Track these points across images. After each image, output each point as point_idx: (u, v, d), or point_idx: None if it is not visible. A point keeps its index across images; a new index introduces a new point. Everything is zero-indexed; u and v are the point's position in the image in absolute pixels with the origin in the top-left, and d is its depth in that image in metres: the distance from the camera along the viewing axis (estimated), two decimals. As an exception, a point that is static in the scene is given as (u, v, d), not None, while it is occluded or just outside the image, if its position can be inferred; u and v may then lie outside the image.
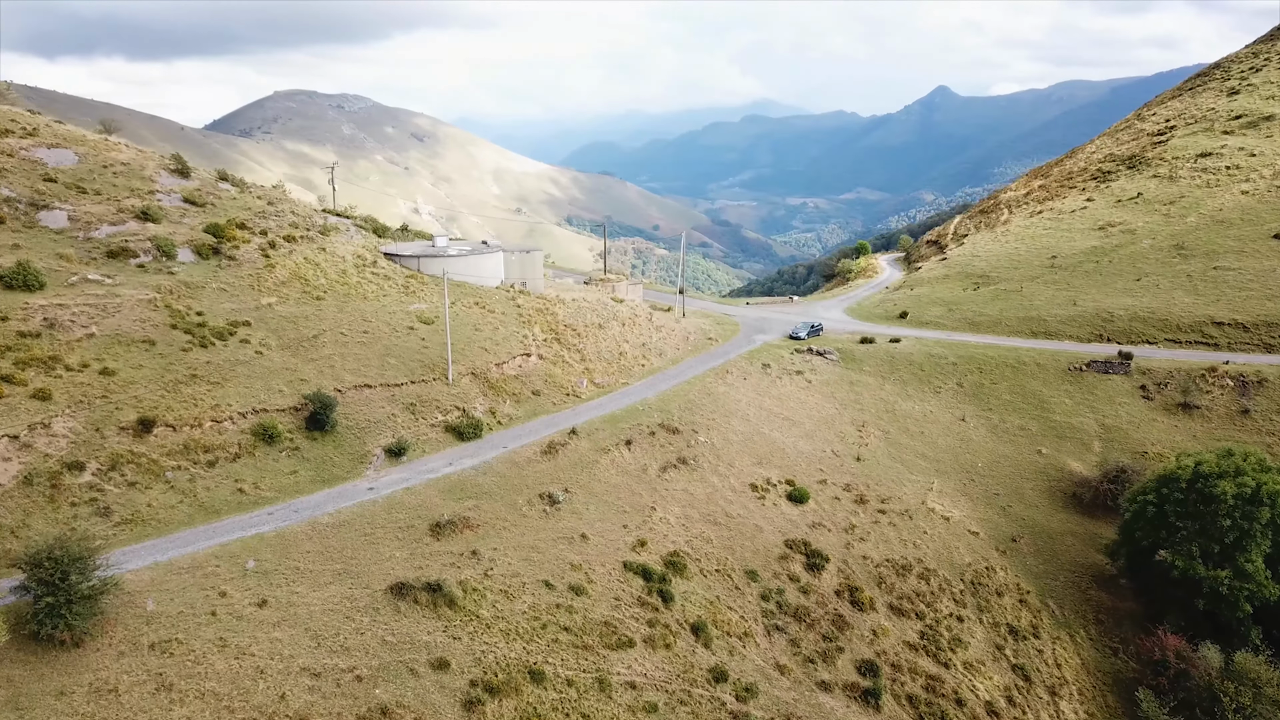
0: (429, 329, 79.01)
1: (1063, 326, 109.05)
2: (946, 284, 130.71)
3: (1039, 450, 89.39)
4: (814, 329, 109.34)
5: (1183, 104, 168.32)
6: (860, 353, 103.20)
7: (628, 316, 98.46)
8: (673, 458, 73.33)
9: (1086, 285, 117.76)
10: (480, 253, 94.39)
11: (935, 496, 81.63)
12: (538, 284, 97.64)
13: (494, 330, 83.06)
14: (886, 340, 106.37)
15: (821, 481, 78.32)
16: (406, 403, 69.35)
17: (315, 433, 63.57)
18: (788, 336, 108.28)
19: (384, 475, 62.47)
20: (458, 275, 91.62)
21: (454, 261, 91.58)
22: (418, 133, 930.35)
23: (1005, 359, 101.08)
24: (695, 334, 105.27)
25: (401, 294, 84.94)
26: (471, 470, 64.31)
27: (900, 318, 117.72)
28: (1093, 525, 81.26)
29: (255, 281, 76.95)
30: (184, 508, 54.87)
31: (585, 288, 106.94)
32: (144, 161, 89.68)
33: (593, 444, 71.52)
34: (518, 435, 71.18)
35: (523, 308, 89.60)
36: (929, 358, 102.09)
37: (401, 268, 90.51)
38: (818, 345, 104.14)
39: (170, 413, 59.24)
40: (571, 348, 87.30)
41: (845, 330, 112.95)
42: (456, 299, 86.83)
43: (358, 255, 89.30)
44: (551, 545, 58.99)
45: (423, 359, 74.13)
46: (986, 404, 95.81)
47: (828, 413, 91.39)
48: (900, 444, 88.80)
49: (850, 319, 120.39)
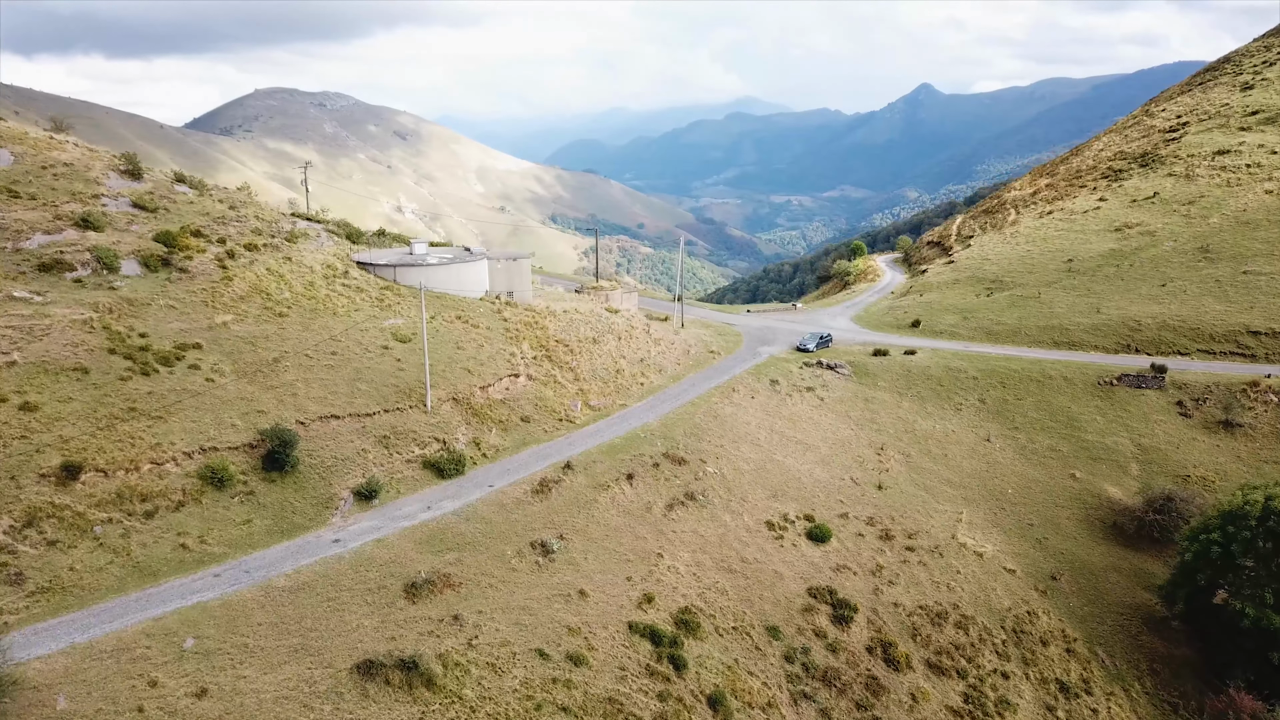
0: (405, 348, 70.55)
1: (1087, 336, 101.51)
2: (957, 289, 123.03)
3: (1072, 474, 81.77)
4: (823, 340, 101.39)
5: (1194, 99, 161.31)
6: (874, 366, 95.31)
7: (624, 329, 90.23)
8: (679, 493, 65.17)
9: (1108, 291, 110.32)
10: (462, 260, 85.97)
11: (965, 528, 73.86)
12: (526, 294, 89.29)
13: (478, 348, 74.66)
14: (901, 352, 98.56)
15: (843, 515, 70.36)
16: (379, 435, 60.92)
17: (273, 474, 55.11)
18: (795, 349, 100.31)
19: (352, 523, 54.05)
20: (438, 286, 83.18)
21: (434, 271, 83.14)
22: (401, 131, 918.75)
23: (1029, 372, 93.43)
24: (696, 347, 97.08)
25: (375, 308, 76.39)
26: (453, 515, 55.96)
27: (913, 327, 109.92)
28: (1137, 559, 73.70)
29: (210, 297, 68.27)
30: (114, 570, 46.40)
31: (577, 297, 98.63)
32: (90, 162, 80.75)
33: (590, 479, 63.27)
34: (505, 470, 62.85)
35: (510, 322, 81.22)
36: (947, 371, 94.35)
37: (376, 278, 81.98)
38: (828, 358, 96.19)
39: (102, 455, 50.69)
40: (564, 366, 79.02)
41: (855, 341, 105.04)
42: (436, 313, 78.41)
43: (327, 265, 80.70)
44: (545, 605, 50.79)
45: (398, 383, 65.69)
46: (1012, 422, 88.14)
47: (844, 434, 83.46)
48: (923, 468, 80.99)
49: (859, 328, 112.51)
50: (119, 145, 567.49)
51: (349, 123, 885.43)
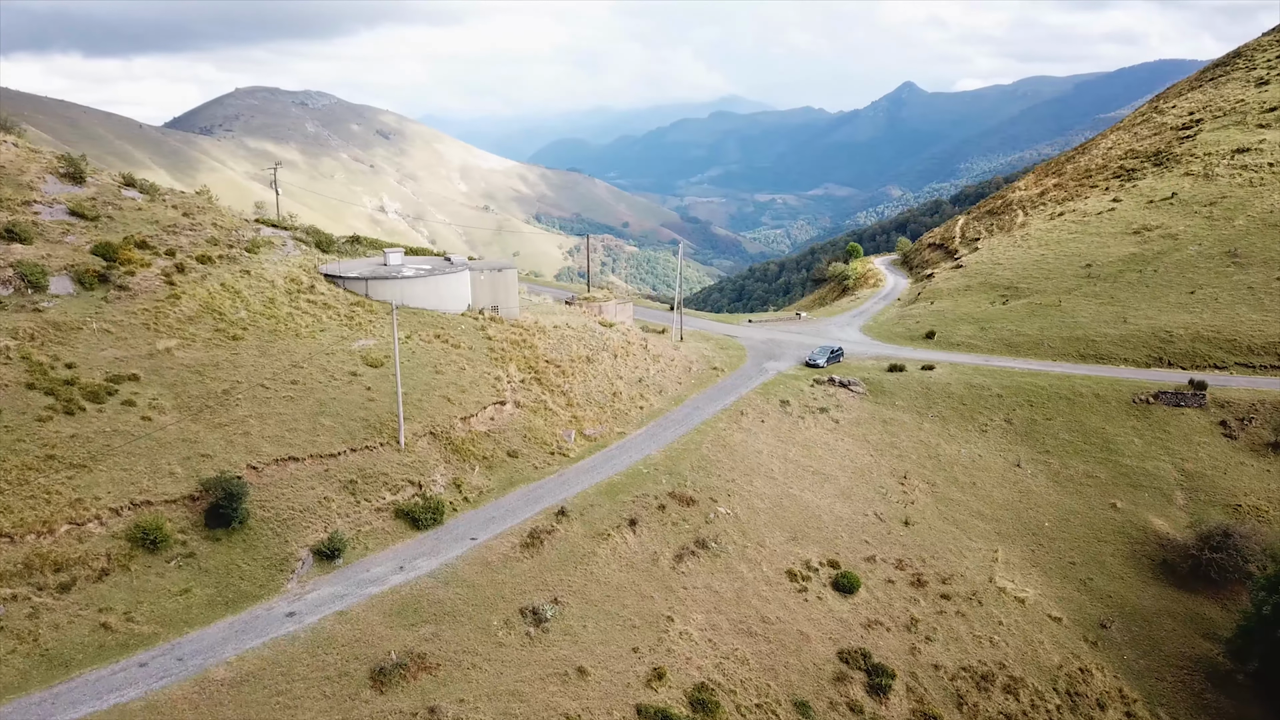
0: (377, 374, 62.12)
1: (1115, 348, 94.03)
2: (970, 297, 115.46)
3: (1113, 504, 74.18)
4: (834, 355, 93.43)
5: (1205, 95, 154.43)
6: (890, 384, 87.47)
7: (620, 345, 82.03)
8: (689, 540, 57.05)
9: (1133, 299, 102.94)
10: (442, 272, 77.54)
11: (1002, 569, 66.13)
12: (512, 308, 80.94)
13: (459, 372, 66.29)
14: (918, 367, 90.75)
15: (869, 559, 62.46)
16: (345, 480, 52.52)
17: (218, 531, 46.71)
18: (804, 364, 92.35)
19: (311, 589, 45.69)
20: (415, 301, 74.78)
21: (410, 285, 74.72)
22: (383, 130, 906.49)
23: (1057, 389, 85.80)
24: (698, 363, 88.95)
25: (344, 327, 67.90)
26: (429, 577, 47.66)
27: (927, 338, 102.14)
28: (1193, 603, 66.15)
29: (153, 318, 59.67)
30: (17, 661, 38.00)
31: (568, 309, 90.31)
32: (25, 164, 71.97)
33: (587, 527, 55.06)
34: (490, 518, 54.56)
35: (495, 340, 72.87)
36: (969, 389, 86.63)
37: (345, 292, 73.47)
38: (840, 375, 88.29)
39: (8, 516, 42.24)
40: (555, 390, 70.74)
41: (867, 355, 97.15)
42: (412, 332, 70.03)
43: (291, 278, 72.13)
44: (539, 687, 42.61)
45: (368, 416, 57.28)
46: (1043, 445, 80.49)
47: (863, 462, 75.58)
48: (951, 499, 73.22)
49: (869, 339, 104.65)
50: (97, 145, 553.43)
51: (331, 122, 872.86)
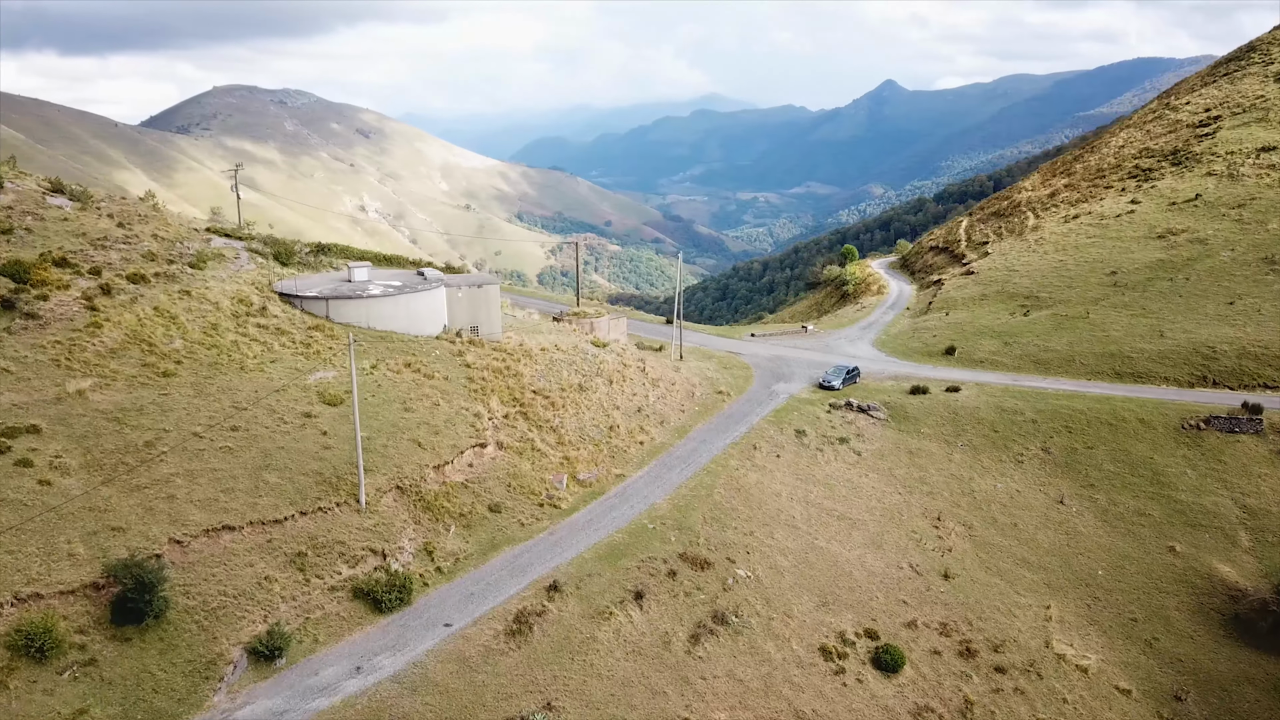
0: (336, 415, 52.52)
1: (1154, 366, 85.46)
2: (987, 307, 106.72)
3: (1170, 547, 65.51)
4: (850, 375, 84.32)
5: (1221, 91, 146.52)
6: (914, 408, 78.53)
7: (615, 369, 72.72)
8: (705, 614, 47.79)
9: (1168, 310, 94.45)
10: (413, 289, 67.89)
11: (1058, 630, 57.31)
12: (494, 327, 71.44)
13: (432, 409, 56.74)
14: (941, 389, 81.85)
15: (910, 624, 53.44)
16: (291, 552, 42.95)
17: (128, 629, 37.15)
18: (817, 385, 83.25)
19: (243, 704, 36.13)
20: (383, 322, 65.20)
21: (376, 304, 65.09)
22: (364, 129, 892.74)
23: (1097, 413, 77.11)
24: (701, 386, 79.68)
25: (299, 357, 58.23)
26: (393, 682, 38.15)
27: (947, 354, 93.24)
28: (1276, 667, 57.52)
29: (66, 352, 49.87)
30: None
31: (556, 327, 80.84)
32: (-70, 168, 61.96)
33: (585, 604, 45.70)
34: (468, 594, 45.12)
35: (474, 368, 63.34)
36: (1001, 413, 77.83)
37: (303, 313, 63.81)
38: (858, 398, 79.32)
39: None
40: (544, 426, 61.31)
41: (885, 374, 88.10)
42: (379, 360, 60.45)
43: (240, 298, 62.36)
44: (531, 832, 33.28)
45: (322, 469, 47.71)
46: (1086, 478, 71.78)
47: (891, 501, 66.58)
48: (991, 544, 64.35)
49: (884, 355, 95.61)
50: (71, 145, 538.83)
51: (311, 121, 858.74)
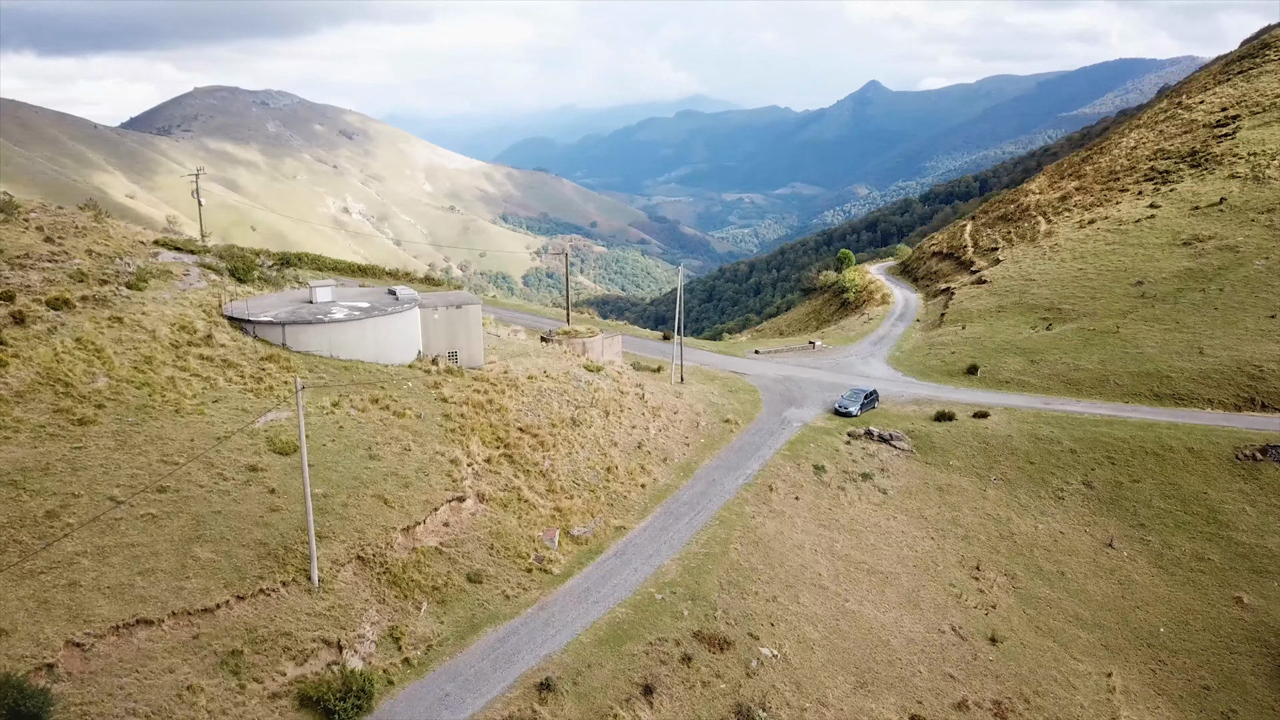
0: (287, 466, 44.11)
1: (1195, 386, 78.03)
2: (1006, 320, 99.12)
3: (1237, 598, 57.95)
4: (868, 399, 76.39)
5: (1237, 90, 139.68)
6: (940, 437, 70.77)
7: (612, 397, 64.57)
8: (728, 710, 39.60)
9: (1203, 324, 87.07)
10: (383, 311, 59.46)
11: (1125, 704, 49.61)
12: (475, 353, 63.11)
13: (403, 454, 48.43)
14: (968, 414, 74.12)
15: (960, 705, 45.53)
16: (224, 650, 34.60)
17: (0, 771, 28.80)
18: (833, 411, 75.32)
19: None
20: (347, 350, 56.81)
21: (340, 330, 56.65)
22: (347, 130, 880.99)
23: (1140, 441, 69.54)
24: (706, 414, 71.57)
25: (247, 394, 49.82)
26: (344, 832, 29.90)
27: (969, 374, 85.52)
28: (1373, 744, 50.01)
29: (-43, 397, 41.37)
30: None
31: (545, 349, 72.53)
32: None
33: (584, 705, 37.47)
34: (442, 695, 36.82)
35: (452, 403, 55.05)
36: (1035, 442, 70.16)
37: (256, 341, 55.34)
38: (879, 426, 71.47)
39: None
40: (532, 470, 53.10)
41: (905, 396, 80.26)
42: (341, 396, 52.07)
43: (182, 324, 53.88)
44: None
45: (267, 538, 39.38)
46: (1135, 516, 64.18)
47: (924, 548, 58.74)
48: (1039, 598, 56.63)
49: (900, 375, 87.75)
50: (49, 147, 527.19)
51: (293, 122, 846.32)
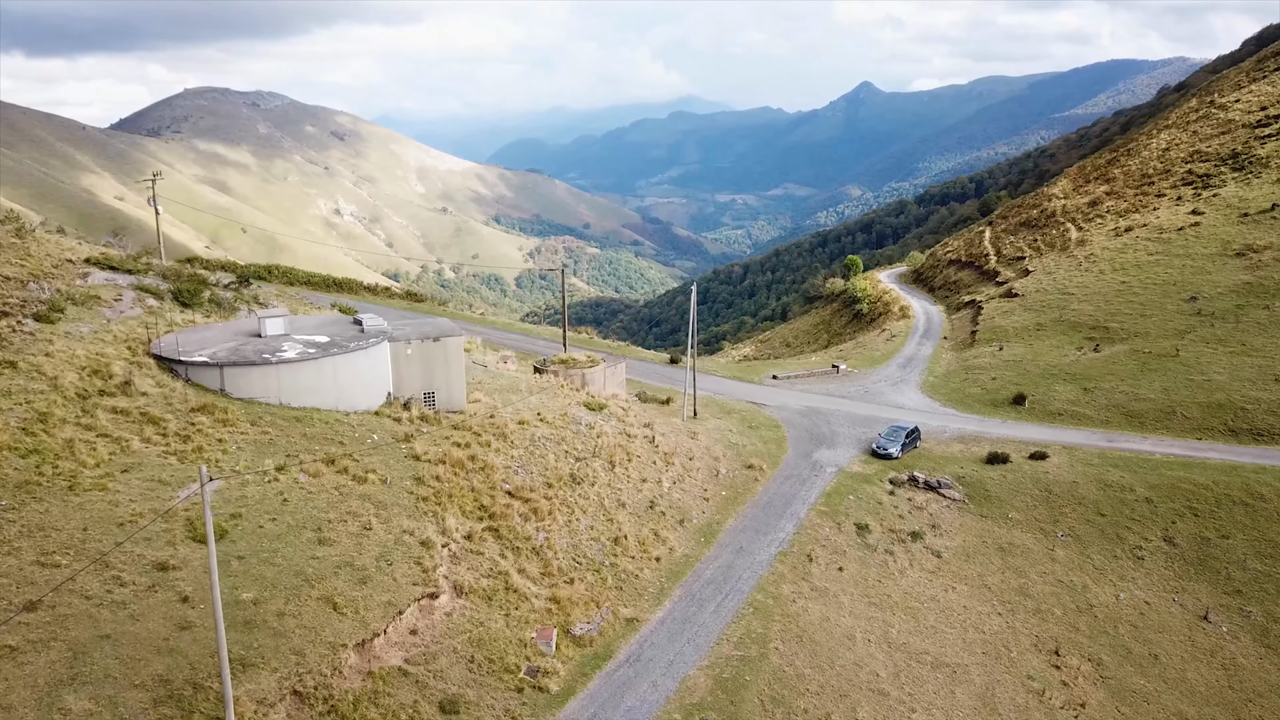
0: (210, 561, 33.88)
1: (1274, 419, 68.33)
2: (1047, 340, 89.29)
3: (1363, 686, 48.21)
4: (910, 438, 66.28)
5: (1276, 88, 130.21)
6: (994, 483, 60.88)
7: (617, 443, 54.52)
8: None
9: (1272, 346, 77.42)
10: (345, 347, 49.18)
11: (1256, 839, 39.75)
12: (456, 393, 52.96)
13: (361, 536, 38.29)
14: (1023, 454, 64.24)
15: None
16: None
17: None
18: (870, 452, 65.21)
19: None
20: (299, 396, 46.61)
21: (291, 371, 46.40)
22: (339, 131, 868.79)
23: (1225, 488, 59.79)
24: (726, 457, 61.50)
25: (168, 458, 39.61)
26: None
27: (1015, 404, 75.60)
28: None
29: None
30: None
31: (539, 383, 62.23)
32: None
33: None
34: None
35: (426, 462, 44.89)
36: (1104, 490, 60.34)
37: (188, 387, 45.16)
38: (923, 469, 61.55)
39: None
40: (523, 546, 43.01)
41: (947, 432, 70.25)
42: (290, 456, 41.90)
43: (95, 368, 43.64)
44: None
45: (171, 671, 29.17)
46: (1229, 581, 54.45)
47: (992, 628, 48.85)
48: (1134, 693, 46.76)
49: (938, 405, 77.75)
50: (37, 148, 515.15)
51: (284, 123, 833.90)
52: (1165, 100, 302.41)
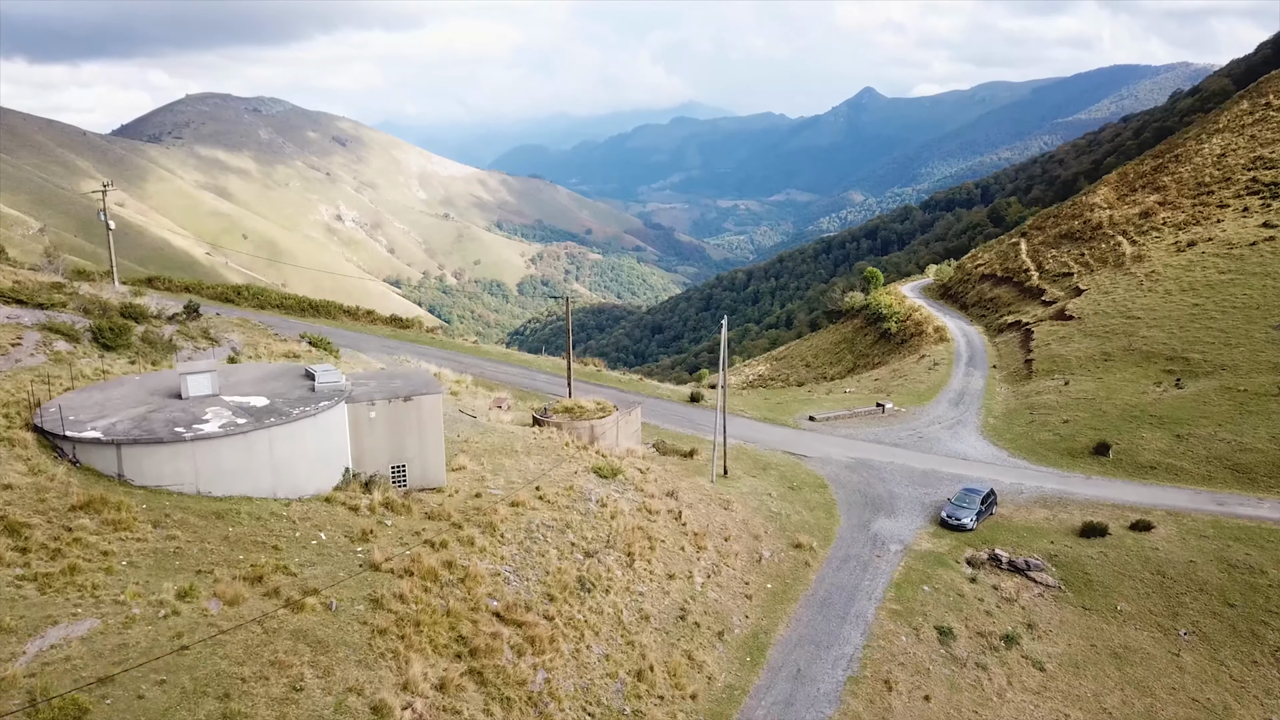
0: (45, 771, 22.52)
1: None
2: (1117, 372, 77.82)
3: None
4: (986, 504, 54.57)
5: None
6: (1094, 564, 49.39)
7: (635, 524, 43.08)
8: None
9: (1391, 384, 66.04)
10: (287, 414, 37.62)
11: None
12: (433, 464, 41.51)
13: (285, 702, 26.90)
14: (1122, 523, 52.78)
15: None
16: None
17: None
18: (940, 522, 53.64)
19: None
20: (223, 482, 35.10)
21: (213, 450, 34.87)
22: (340, 137, 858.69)
23: (1375, 568, 48.34)
24: (768, 535, 49.99)
25: (22, 585, 28.24)
26: None
27: (1097, 454, 64.03)
28: None
29: None
30: None
31: (538, 440, 50.74)
32: None
33: None
34: None
35: (387, 573, 33.45)
36: (1228, 571, 48.87)
37: (72, 472, 33.74)
38: (1006, 545, 50.09)
39: None
40: (515, 696, 31.45)
41: (1025, 491, 58.60)
42: (200, 573, 30.51)
43: (-56, 450, 32.28)
44: None
45: None
46: (1401, 695, 42.96)
47: (1125, 779, 37.42)
48: None
49: (1004, 453, 66.13)
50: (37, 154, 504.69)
51: (286, 129, 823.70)
52: (1180, 104, 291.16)
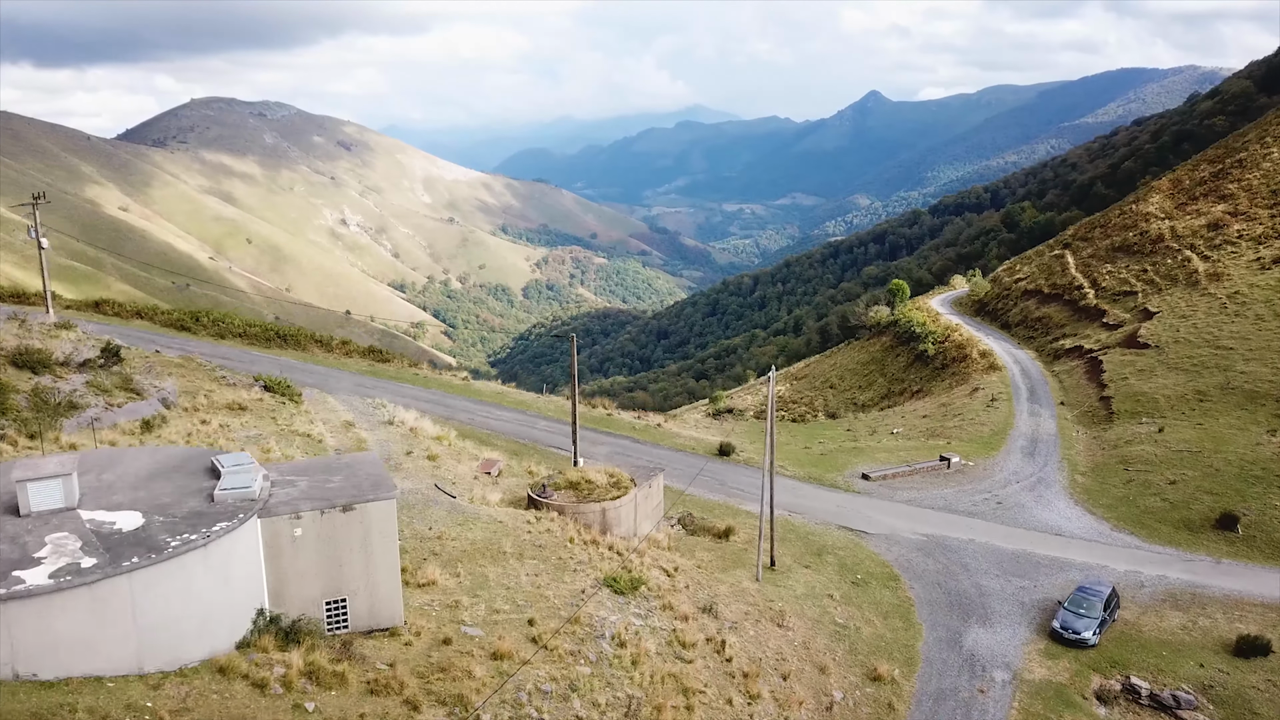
0: None
1: None
2: (1219, 415, 65.63)
3: None
4: (1108, 608, 42.09)
5: None
6: (1260, 698, 37.20)
7: (665, 670, 31.14)
8: None
9: None
10: (165, 546, 25.85)
11: None
12: (384, 597, 29.68)
13: None
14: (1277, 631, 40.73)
15: None
16: None
17: None
18: (1051, 634, 41.04)
19: None
20: (59, 660, 23.31)
21: (43, 612, 23.08)
22: (345, 141, 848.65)
23: None
24: (837, 667, 37.70)
25: None
26: None
27: (1221, 527, 51.78)
28: None
29: None
30: None
31: (535, 529, 38.93)
32: None
33: None
34: None
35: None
36: None
37: None
38: (1142, 669, 38.07)
39: None
40: None
41: (1144, 582, 46.21)
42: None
43: None
44: None
45: None
46: None
47: None
48: None
49: (1103, 524, 53.69)
50: (41, 158, 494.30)
51: (291, 133, 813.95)
52: (1199, 107, 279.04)
